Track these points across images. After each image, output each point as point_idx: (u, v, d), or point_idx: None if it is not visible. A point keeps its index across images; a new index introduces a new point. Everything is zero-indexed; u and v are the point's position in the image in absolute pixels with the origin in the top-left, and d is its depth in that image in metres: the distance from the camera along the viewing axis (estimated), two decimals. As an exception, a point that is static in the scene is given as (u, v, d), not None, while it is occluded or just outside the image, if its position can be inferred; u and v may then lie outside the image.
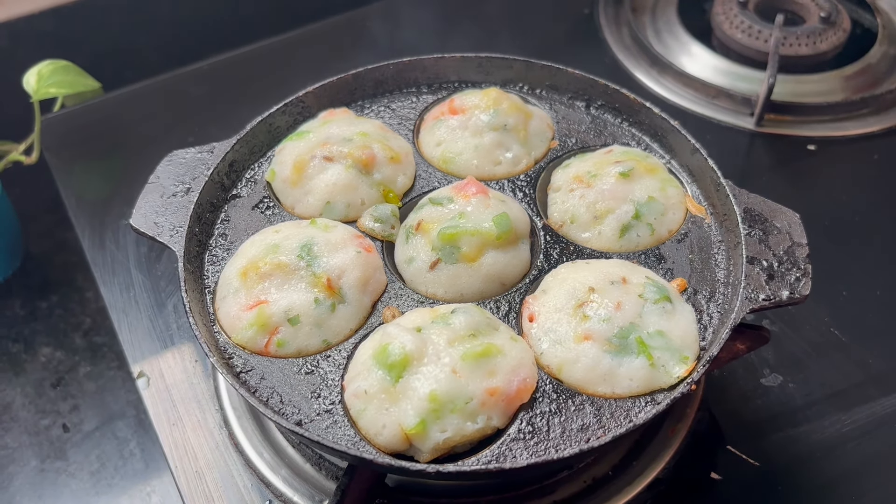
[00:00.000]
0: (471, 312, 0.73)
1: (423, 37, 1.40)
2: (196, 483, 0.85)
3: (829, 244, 1.06)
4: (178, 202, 0.83)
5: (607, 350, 0.69)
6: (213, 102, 1.30)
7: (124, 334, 0.98)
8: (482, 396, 0.67)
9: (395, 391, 0.68)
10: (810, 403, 0.91)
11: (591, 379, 0.69)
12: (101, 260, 1.06)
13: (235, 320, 0.75)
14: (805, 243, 0.79)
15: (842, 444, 0.87)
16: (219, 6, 1.60)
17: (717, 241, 0.82)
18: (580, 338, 0.70)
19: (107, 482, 1.10)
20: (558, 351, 0.71)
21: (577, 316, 0.72)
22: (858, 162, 1.18)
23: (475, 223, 0.79)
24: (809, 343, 0.96)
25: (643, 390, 0.69)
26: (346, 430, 0.68)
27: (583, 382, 0.69)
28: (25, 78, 1.19)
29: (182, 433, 0.88)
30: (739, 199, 0.82)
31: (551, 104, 0.98)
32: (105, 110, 1.29)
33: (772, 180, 1.16)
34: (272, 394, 0.71)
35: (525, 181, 0.89)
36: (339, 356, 0.74)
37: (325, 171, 0.85)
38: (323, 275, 0.76)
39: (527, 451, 0.67)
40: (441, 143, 0.92)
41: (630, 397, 0.69)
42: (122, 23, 1.53)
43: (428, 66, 1.00)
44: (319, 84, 0.95)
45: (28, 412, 1.19)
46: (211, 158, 0.87)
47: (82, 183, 1.18)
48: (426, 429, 0.66)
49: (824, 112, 1.23)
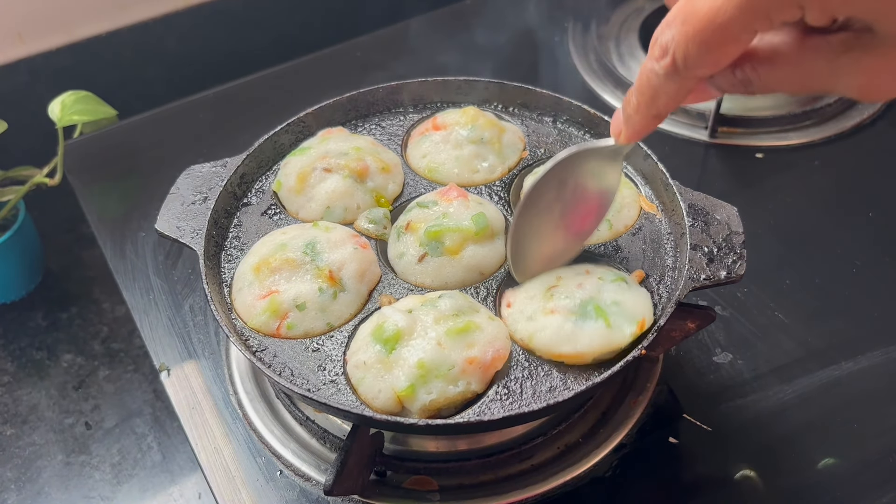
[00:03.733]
0: (455, 297, 0.84)
1: (409, 63, 1.50)
2: (215, 458, 0.94)
3: (774, 240, 1.16)
4: (196, 209, 0.94)
5: (570, 317, 0.81)
6: (219, 127, 1.39)
7: (146, 332, 1.07)
8: (462, 364, 0.77)
9: (389, 361, 0.79)
10: (757, 377, 1.00)
11: (557, 341, 0.80)
12: (122, 268, 1.16)
13: (250, 308, 0.85)
14: (741, 232, 0.90)
15: (784, 410, 0.96)
16: (220, 40, 1.69)
17: (666, 233, 0.94)
18: (547, 312, 0.82)
19: (127, 473, 1.19)
20: (529, 325, 0.83)
21: (546, 298, 0.84)
22: (801, 168, 1.28)
23: (457, 222, 0.89)
24: (756, 325, 1.05)
25: (602, 348, 0.79)
26: (348, 396, 0.79)
27: (549, 345, 0.80)
28: (50, 107, 1.29)
29: (201, 415, 0.98)
30: (685, 196, 0.93)
31: (522, 120, 1.08)
32: (120, 136, 1.38)
33: (724, 185, 1.27)
34: (284, 368, 0.82)
35: (500, 186, 1.00)
36: (341, 336, 0.84)
37: (324, 181, 0.95)
38: (325, 268, 0.86)
39: (503, 409, 0.77)
40: (426, 155, 1.02)
41: (592, 359, 0.80)
42: (132, 57, 1.61)
43: (413, 89, 1.10)
44: (318, 106, 1.05)
45: (53, 412, 1.28)
46: (224, 171, 0.98)
47: (102, 201, 1.28)
48: (415, 391, 0.76)
49: (771, 124, 1.34)
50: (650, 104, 0.63)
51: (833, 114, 1.36)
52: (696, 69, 0.57)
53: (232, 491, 0.91)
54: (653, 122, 0.66)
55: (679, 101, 0.62)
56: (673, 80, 0.59)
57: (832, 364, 1.01)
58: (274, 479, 0.92)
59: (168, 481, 1.17)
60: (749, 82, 0.58)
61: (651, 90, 0.62)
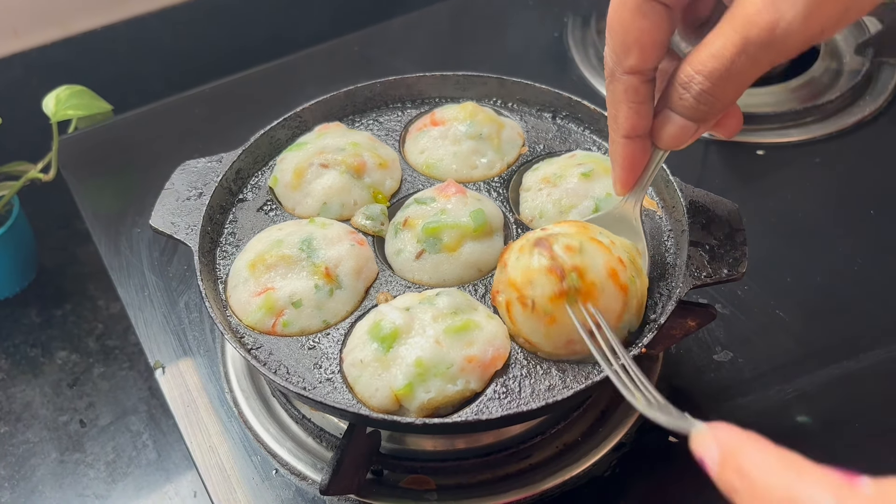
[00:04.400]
0: (453, 294, 0.83)
1: (407, 58, 1.49)
2: (210, 456, 0.93)
3: (775, 237, 1.15)
4: (191, 205, 0.93)
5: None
6: (215, 123, 1.38)
7: (141, 329, 1.06)
8: (461, 363, 0.77)
9: (386, 359, 0.78)
10: (757, 376, 0.99)
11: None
12: (117, 264, 1.15)
13: (246, 305, 0.84)
14: (742, 229, 0.89)
15: (784, 409, 0.95)
16: (217, 35, 1.69)
17: (666, 230, 0.93)
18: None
19: (122, 471, 1.18)
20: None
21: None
22: (802, 165, 1.27)
23: (455, 218, 0.88)
24: (757, 323, 1.04)
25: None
26: (344, 395, 0.78)
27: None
28: (45, 102, 1.28)
29: (196, 413, 0.97)
30: (685, 192, 0.92)
31: (521, 115, 1.07)
32: (115, 131, 1.37)
33: (724, 182, 1.26)
34: (279, 366, 0.81)
35: (499, 182, 0.99)
36: (338, 333, 0.83)
37: (321, 177, 0.94)
38: (322, 265, 0.85)
39: (501, 408, 0.76)
40: (424, 151, 1.01)
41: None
42: (127, 52, 1.60)
43: (411, 84, 1.09)
44: (315, 101, 1.04)
45: (47, 410, 1.27)
46: (219, 167, 0.97)
47: (97, 197, 1.27)
48: (413, 390, 0.76)
49: (772, 121, 1.32)
50: (614, 123, 0.71)
51: (835, 110, 1.35)
52: (623, 62, 0.67)
53: (227, 490, 0.90)
54: (627, 146, 0.72)
55: (634, 110, 0.69)
56: (613, 83, 0.69)
57: (833, 363, 1.00)
58: (269, 478, 0.91)
59: (163, 479, 1.16)
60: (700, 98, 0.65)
61: (610, 107, 0.71)
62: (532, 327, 0.78)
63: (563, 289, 0.74)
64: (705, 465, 0.45)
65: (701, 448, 0.45)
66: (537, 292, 0.75)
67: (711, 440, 0.44)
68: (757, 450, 0.43)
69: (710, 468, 0.44)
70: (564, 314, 0.74)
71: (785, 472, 0.41)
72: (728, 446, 0.43)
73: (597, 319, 0.73)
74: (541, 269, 0.75)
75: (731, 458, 0.43)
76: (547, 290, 0.75)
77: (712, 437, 0.44)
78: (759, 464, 0.42)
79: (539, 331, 0.77)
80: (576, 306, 0.74)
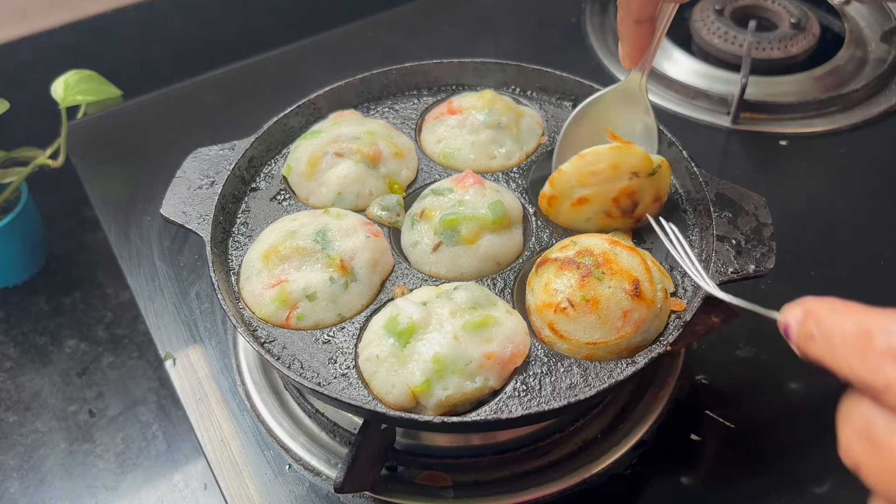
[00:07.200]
0: (471, 289, 0.81)
1: (422, 44, 1.46)
2: (222, 450, 0.92)
3: (798, 229, 1.12)
4: (203, 194, 0.91)
5: None
6: (226, 109, 1.36)
7: (151, 320, 1.05)
8: (480, 360, 0.75)
9: (403, 355, 0.76)
10: (780, 373, 0.96)
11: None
12: (127, 253, 1.13)
13: (259, 297, 0.82)
14: (770, 223, 0.87)
15: (806, 408, 0.93)
16: (229, 18, 1.66)
17: (691, 224, 0.90)
18: None
19: (132, 462, 1.17)
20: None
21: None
22: (826, 155, 1.24)
23: (473, 210, 0.86)
24: None
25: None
26: (360, 391, 0.76)
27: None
28: (53, 87, 1.26)
29: (207, 406, 0.96)
30: (711, 185, 0.90)
31: (541, 104, 1.05)
32: (125, 117, 1.35)
33: (746, 172, 1.23)
34: (293, 360, 0.79)
35: (518, 173, 0.96)
36: (353, 327, 0.81)
37: (336, 166, 0.92)
38: (336, 256, 0.83)
39: (521, 406, 0.74)
40: (441, 140, 0.99)
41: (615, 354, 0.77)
42: (138, 35, 1.58)
43: (428, 71, 1.06)
44: (329, 87, 1.02)
45: (56, 399, 1.26)
46: (232, 155, 0.95)
47: (107, 183, 1.25)
48: (430, 387, 0.74)
49: (795, 110, 1.30)
50: (627, 7, 0.79)
51: (859, 100, 1.32)
52: None
53: (240, 485, 0.88)
54: (637, 29, 0.81)
55: None
56: None
57: (859, 360, 0.98)
58: (283, 474, 0.89)
59: (173, 470, 1.15)
60: None
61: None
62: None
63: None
64: (789, 329, 0.52)
65: (788, 313, 0.52)
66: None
67: (797, 305, 0.52)
68: (833, 301, 0.49)
69: (792, 329, 0.51)
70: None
71: (857, 313, 0.47)
72: (809, 306, 0.50)
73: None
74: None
75: (811, 314, 0.50)
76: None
77: (798, 303, 0.52)
78: (835, 309, 0.48)
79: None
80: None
